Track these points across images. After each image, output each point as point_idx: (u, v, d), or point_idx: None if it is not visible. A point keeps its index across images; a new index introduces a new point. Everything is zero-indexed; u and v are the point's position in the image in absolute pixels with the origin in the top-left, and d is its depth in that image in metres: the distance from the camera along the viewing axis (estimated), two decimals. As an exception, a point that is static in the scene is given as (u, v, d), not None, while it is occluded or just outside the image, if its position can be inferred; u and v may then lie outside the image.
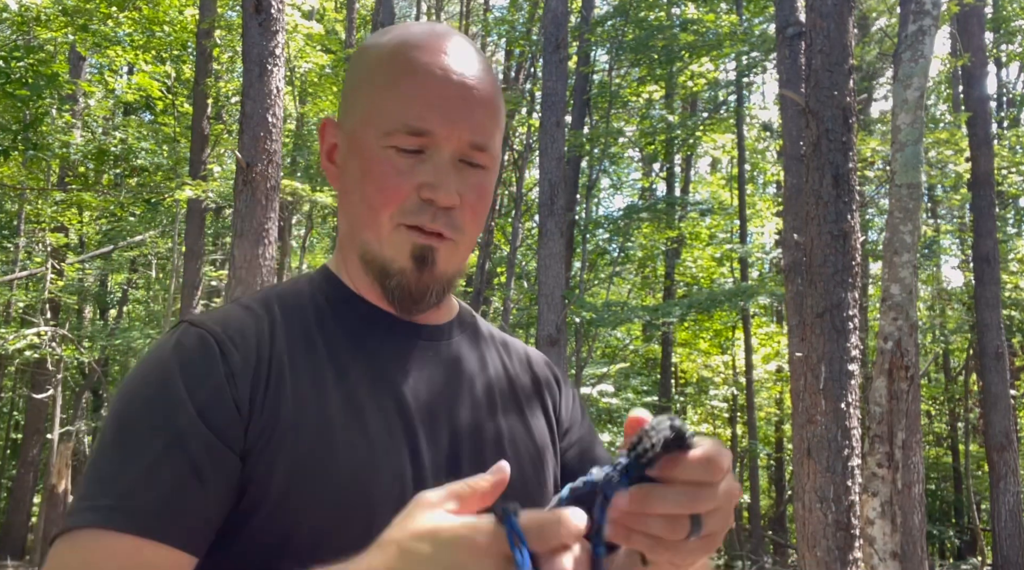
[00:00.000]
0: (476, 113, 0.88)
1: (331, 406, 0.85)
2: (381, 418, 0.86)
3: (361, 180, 0.89)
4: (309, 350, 0.88)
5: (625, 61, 13.18)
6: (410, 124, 0.87)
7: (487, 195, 0.92)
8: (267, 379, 0.84)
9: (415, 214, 0.88)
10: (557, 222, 8.81)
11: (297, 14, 10.01)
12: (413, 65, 0.88)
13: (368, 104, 0.90)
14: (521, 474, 0.91)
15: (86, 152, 11.61)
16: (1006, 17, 13.04)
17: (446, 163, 0.87)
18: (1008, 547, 9.93)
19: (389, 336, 0.93)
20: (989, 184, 10.69)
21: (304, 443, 0.82)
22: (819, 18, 5.41)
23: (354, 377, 0.88)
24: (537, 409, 1.01)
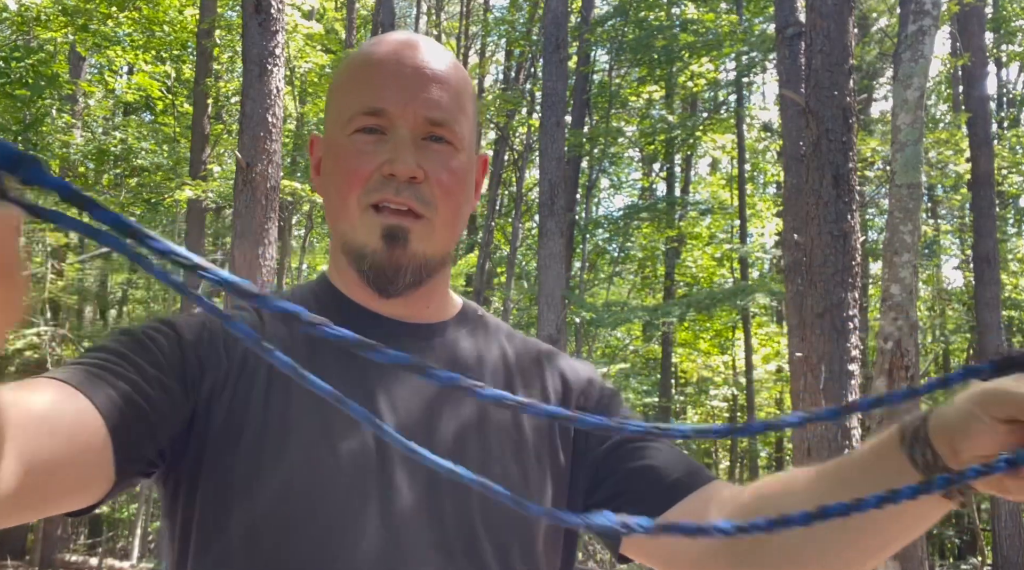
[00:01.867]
0: (430, 90, 0.90)
1: (294, 409, 0.86)
2: (349, 425, 0.85)
3: (333, 173, 0.92)
4: (289, 351, 0.88)
5: (625, 61, 13.18)
6: (366, 104, 0.90)
7: (458, 174, 0.92)
8: (237, 378, 0.87)
9: (379, 190, 0.89)
10: (557, 222, 8.81)
11: (297, 14, 10.01)
12: (368, 59, 0.93)
13: (336, 107, 0.94)
14: (501, 473, 0.88)
15: (86, 152, 11.61)
16: (1006, 17, 13.03)
17: (406, 140, 0.89)
18: (1008, 547, 9.92)
19: (371, 335, 0.90)
20: (989, 184, 10.69)
21: (257, 443, 0.84)
22: (819, 18, 5.41)
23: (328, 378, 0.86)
24: (539, 426, 0.95)
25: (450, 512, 0.85)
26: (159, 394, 0.81)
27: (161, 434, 0.82)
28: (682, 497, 0.86)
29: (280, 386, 0.87)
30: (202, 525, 0.85)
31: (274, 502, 0.82)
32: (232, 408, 0.86)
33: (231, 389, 0.87)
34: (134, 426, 0.78)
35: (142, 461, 0.82)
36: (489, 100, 14.54)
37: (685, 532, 0.48)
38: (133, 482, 0.84)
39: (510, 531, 0.87)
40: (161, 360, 0.84)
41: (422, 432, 0.88)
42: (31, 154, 0.36)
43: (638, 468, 0.90)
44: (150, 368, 0.82)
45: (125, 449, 0.77)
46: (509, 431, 0.92)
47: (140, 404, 0.79)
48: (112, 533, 14.85)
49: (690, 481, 0.88)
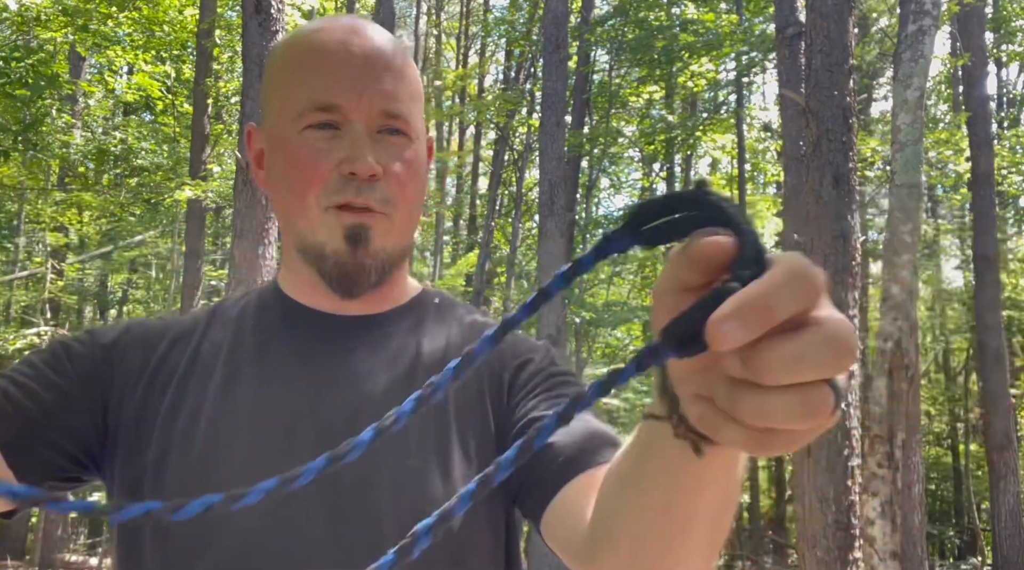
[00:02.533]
0: (382, 80, 0.87)
1: (208, 405, 0.86)
2: (257, 428, 0.85)
3: (284, 170, 0.89)
4: (214, 355, 0.90)
5: (625, 61, 13.18)
6: (317, 99, 0.86)
7: (414, 165, 0.90)
8: (152, 378, 0.88)
9: (340, 192, 0.86)
10: (557, 222, 8.82)
11: (297, 14, 10.01)
12: (313, 46, 0.88)
13: (279, 97, 0.90)
14: (420, 466, 0.84)
15: (86, 152, 11.61)
16: (1006, 17, 13.03)
17: (362, 135, 0.86)
18: (1008, 547, 9.92)
19: (300, 329, 0.92)
20: (989, 184, 10.69)
21: (164, 437, 0.85)
22: (819, 18, 5.41)
23: (246, 379, 0.88)
24: (469, 418, 0.89)
25: (357, 507, 0.83)
26: (55, 399, 0.84)
27: (62, 437, 0.84)
28: (572, 477, 0.79)
29: (193, 388, 0.88)
30: (122, 537, 0.87)
31: (180, 526, 0.82)
32: (144, 407, 0.87)
33: (144, 389, 0.88)
34: (24, 433, 0.81)
35: (47, 465, 0.83)
36: (489, 100, 14.54)
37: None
38: (56, 486, 0.86)
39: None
40: (67, 368, 0.86)
41: (343, 430, 0.86)
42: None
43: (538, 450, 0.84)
44: (52, 376, 0.85)
45: (17, 455, 0.80)
46: (433, 420, 0.87)
47: (31, 411, 0.82)
48: (112, 533, 14.83)
49: (584, 459, 0.80)
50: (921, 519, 6.94)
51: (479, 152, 17.87)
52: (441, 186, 18.96)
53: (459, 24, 18.79)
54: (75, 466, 0.86)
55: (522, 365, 0.92)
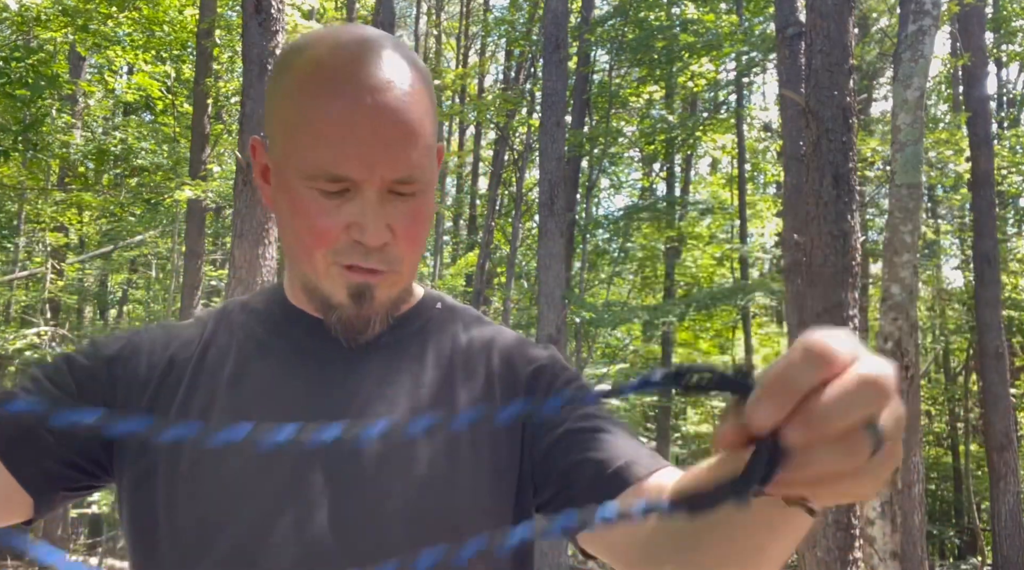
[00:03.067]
0: (394, 150, 0.83)
1: (217, 414, 0.88)
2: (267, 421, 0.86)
3: (291, 218, 0.87)
4: (219, 363, 0.92)
5: (625, 61, 13.18)
6: (328, 171, 0.83)
7: (422, 217, 0.89)
8: (156, 390, 0.90)
9: (347, 254, 0.86)
10: (557, 222, 8.81)
11: (297, 14, 10.00)
12: (323, 99, 0.83)
13: (286, 141, 0.86)
14: (427, 473, 0.86)
15: (86, 152, 11.61)
16: (1006, 17, 13.03)
17: (372, 201, 0.84)
18: (1008, 547, 9.92)
19: (311, 340, 0.93)
20: (989, 184, 10.69)
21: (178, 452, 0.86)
22: (819, 18, 5.41)
23: (251, 383, 0.90)
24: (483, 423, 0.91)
25: (366, 521, 0.84)
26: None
27: (68, 452, 0.87)
28: (624, 487, 0.82)
29: (200, 396, 0.89)
30: (134, 538, 0.88)
31: (191, 516, 0.84)
32: (153, 407, 0.89)
33: (151, 395, 0.90)
34: (29, 449, 0.84)
35: (56, 478, 0.87)
36: (489, 100, 14.54)
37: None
38: (69, 496, 0.90)
39: (436, 533, 0.84)
40: (69, 382, 0.88)
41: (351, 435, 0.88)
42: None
43: (578, 462, 0.86)
44: (56, 391, 0.87)
45: (25, 471, 0.84)
46: (444, 436, 0.89)
47: (34, 428, 0.85)
48: (112, 533, 14.85)
49: (628, 473, 0.83)
50: (921, 519, 6.94)
51: (479, 152, 17.88)
52: (441, 186, 18.97)
53: (459, 24, 18.79)
54: (84, 476, 0.89)
55: (538, 372, 0.94)
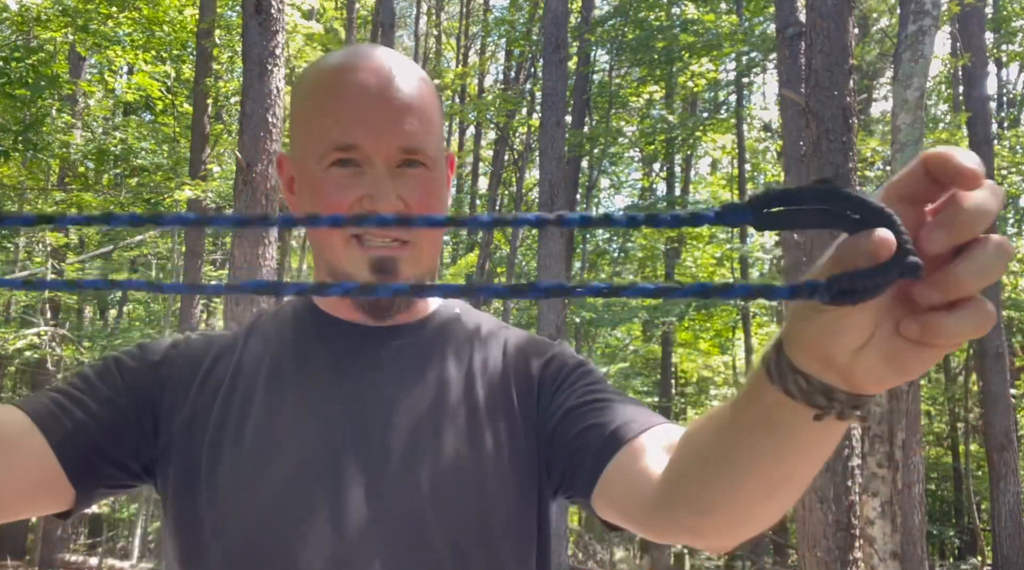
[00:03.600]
0: (400, 121, 0.92)
1: (252, 419, 0.92)
2: (299, 435, 0.91)
3: (312, 205, 0.94)
4: (255, 367, 0.96)
5: (625, 61, 13.18)
6: (337, 141, 0.91)
7: (434, 193, 0.94)
8: (199, 392, 0.95)
9: (363, 227, 0.92)
10: (557, 222, 8.80)
11: (297, 14, 10.01)
12: (332, 88, 0.93)
13: (304, 135, 0.95)
14: (454, 461, 0.90)
15: (86, 152, 11.62)
16: (1006, 17, 13.03)
17: (382, 172, 0.91)
18: (1008, 547, 9.92)
19: (330, 337, 0.98)
20: (989, 184, 10.67)
21: (213, 452, 0.91)
22: (819, 18, 5.41)
23: (287, 384, 0.95)
24: (498, 414, 0.95)
25: (399, 510, 0.87)
26: (109, 414, 0.91)
27: (115, 449, 0.91)
28: (620, 447, 0.84)
29: (239, 396, 0.94)
30: (178, 537, 0.92)
31: (230, 510, 0.88)
32: (194, 415, 0.93)
33: (192, 401, 0.94)
34: (80, 444, 0.88)
35: (100, 475, 0.90)
36: (489, 100, 14.54)
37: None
38: (106, 493, 0.94)
39: (465, 524, 0.88)
40: (119, 383, 0.93)
41: (379, 427, 0.91)
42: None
43: (579, 432, 0.89)
44: (106, 391, 0.92)
45: (73, 465, 0.87)
46: (464, 417, 0.93)
47: (87, 425, 0.89)
48: (112, 533, 14.85)
49: (622, 433, 0.85)
50: (921, 519, 6.95)
51: (479, 152, 17.88)
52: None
53: (459, 24, 18.79)
54: (127, 476, 0.93)
55: (548, 362, 0.99)
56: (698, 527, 0.74)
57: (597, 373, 0.98)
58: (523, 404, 0.96)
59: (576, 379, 0.96)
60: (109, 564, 11.87)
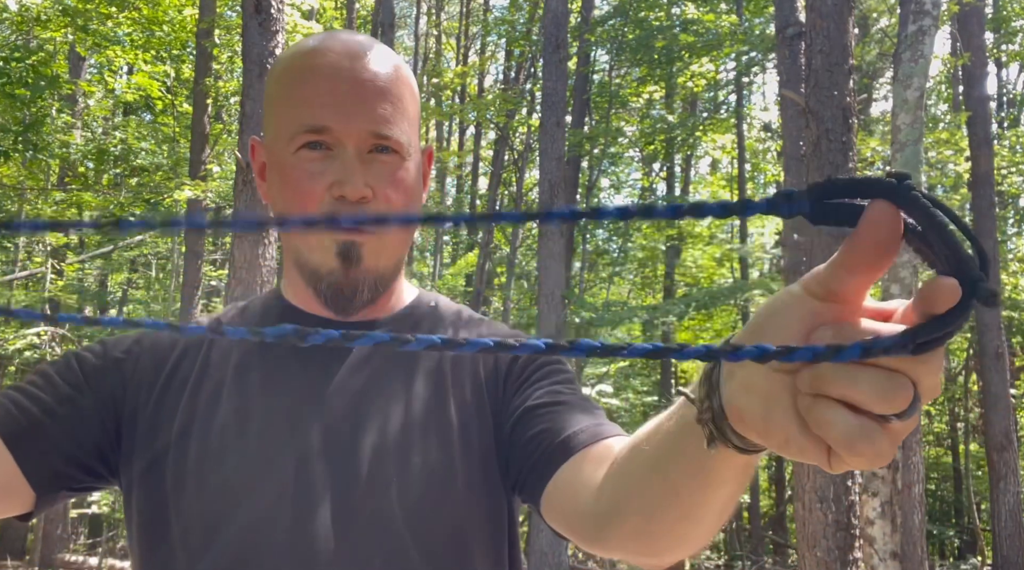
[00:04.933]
0: (371, 104, 0.89)
1: (219, 416, 0.90)
2: (267, 427, 0.89)
3: (281, 190, 0.92)
4: (223, 362, 0.94)
5: (625, 61, 13.18)
6: (307, 123, 0.89)
7: (404, 183, 0.92)
8: (164, 387, 0.92)
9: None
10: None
11: (297, 14, 10.00)
12: (304, 70, 0.91)
13: (274, 118, 0.93)
14: (422, 462, 0.88)
15: (86, 152, 11.61)
16: (1006, 17, 13.03)
17: (351, 158, 0.89)
18: (1008, 547, 9.92)
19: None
20: (989, 184, 10.69)
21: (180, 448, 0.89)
22: (819, 18, 5.41)
23: (253, 382, 0.92)
24: (471, 413, 0.93)
25: (370, 516, 0.85)
26: (70, 412, 0.88)
27: (75, 449, 0.88)
28: (571, 455, 0.83)
29: (205, 393, 0.92)
30: (142, 527, 0.90)
31: (197, 505, 0.86)
32: (159, 410, 0.91)
33: (157, 398, 0.92)
34: (39, 445, 0.86)
35: (60, 476, 0.87)
36: (489, 100, 14.54)
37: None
38: (68, 495, 0.91)
39: (433, 519, 0.87)
40: (80, 380, 0.90)
41: (348, 428, 0.89)
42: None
43: (533, 435, 0.88)
44: (67, 388, 0.89)
45: (32, 466, 0.85)
46: (434, 419, 0.91)
47: (45, 424, 0.86)
48: (112, 533, 14.85)
49: (574, 442, 0.84)
50: (921, 519, 6.95)
51: (479, 152, 17.87)
52: (441, 186, 18.97)
53: (459, 24, 18.78)
54: (89, 476, 0.90)
55: (515, 359, 0.96)
56: (635, 549, 0.74)
57: (565, 372, 0.96)
58: (494, 400, 0.94)
59: (541, 377, 0.94)
60: (109, 564, 11.87)
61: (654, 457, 0.64)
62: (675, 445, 0.59)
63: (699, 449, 0.54)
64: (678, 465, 0.60)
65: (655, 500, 0.65)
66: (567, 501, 0.82)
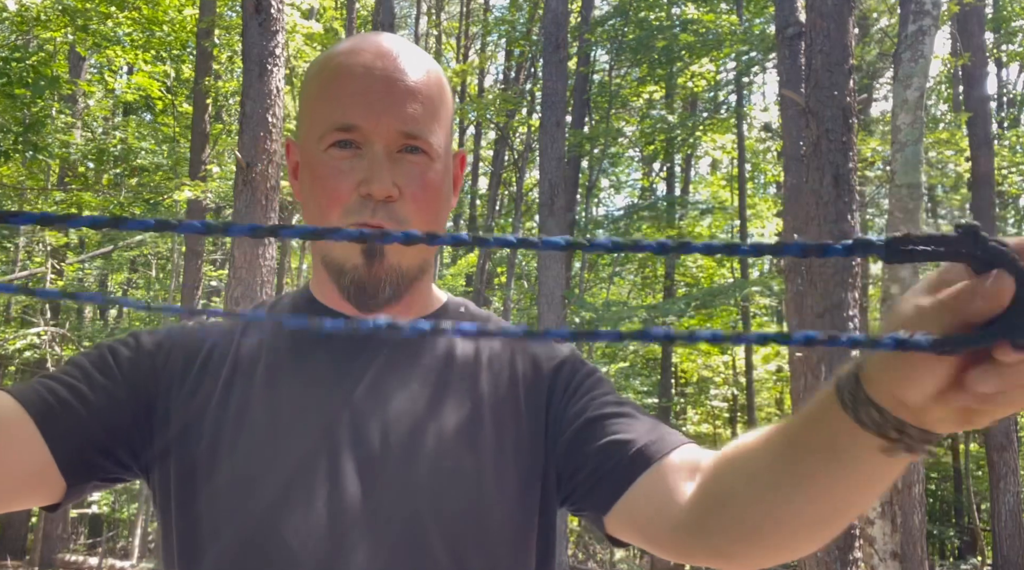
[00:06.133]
0: (402, 103, 0.90)
1: (250, 411, 0.90)
2: (301, 425, 0.90)
3: (312, 188, 0.93)
4: (254, 355, 0.94)
5: (625, 61, 13.19)
6: (337, 121, 0.90)
7: (432, 185, 0.93)
8: (197, 382, 0.92)
9: (357, 212, 0.89)
10: (557, 222, 8.81)
11: (297, 14, 10.01)
12: (337, 70, 0.92)
13: (307, 117, 0.94)
14: (453, 466, 0.89)
15: (86, 152, 11.61)
16: (1006, 17, 13.04)
17: (380, 157, 0.90)
18: (1008, 547, 9.92)
19: (335, 339, 0.96)
20: (989, 184, 10.69)
21: (212, 442, 0.89)
22: (819, 18, 5.41)
23: (285, 381, 0.92)
24: (503, 414, 0.93)
25: (396, 513, 0.86)
26: (106, 404, 0.88)
27: (110, 441, 0.88)
28: (641, 471, 0.84)
29: (238, 389, 0.92)
30: (176, 533, 0.90)
31: (227, 499, 0.87)
32: (189, 410, 0.91)
33: (188, 392, 0.92)
34: (74, 435, 0.86)
35: (93, 467, 0.88)
36: (489, 100, 14.55)
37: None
38: (98, 486, 0.91)
39: (463, 524, 0.87)
40: (115, 373, 0.90)
41: (377, 428, 0.89)
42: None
43: (601, 446, 0.88)
44: (102, 380, 0.89)
45: (66, 456, 0.85)
46: (467, 423, 0.91)
47: (81, 415, 0.86)
48: (112, 533, 14.85)
49: (649, 452, 0.85)
50: (921, 519, 6.94)
51: (479, 152, 17.88)
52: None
53: (459, 24, 18.78)
54: (119, 468, 0.91)
55: (560, 365, 0.97)
56: (735, 553, 0.76)
57: (609, 383, 0.97)
58: (530, 405, 0.94)
59: (591, 387, 0.94)
60: (109, 564, 11.87)
61: (785, 441, 0.67)
62: (811, 427, 0.62)
63: (869, 460, 0.58)
64: (838, 469, 0.62)
65: (784, 484, 0.67)
66: (650, 511, 0.83)
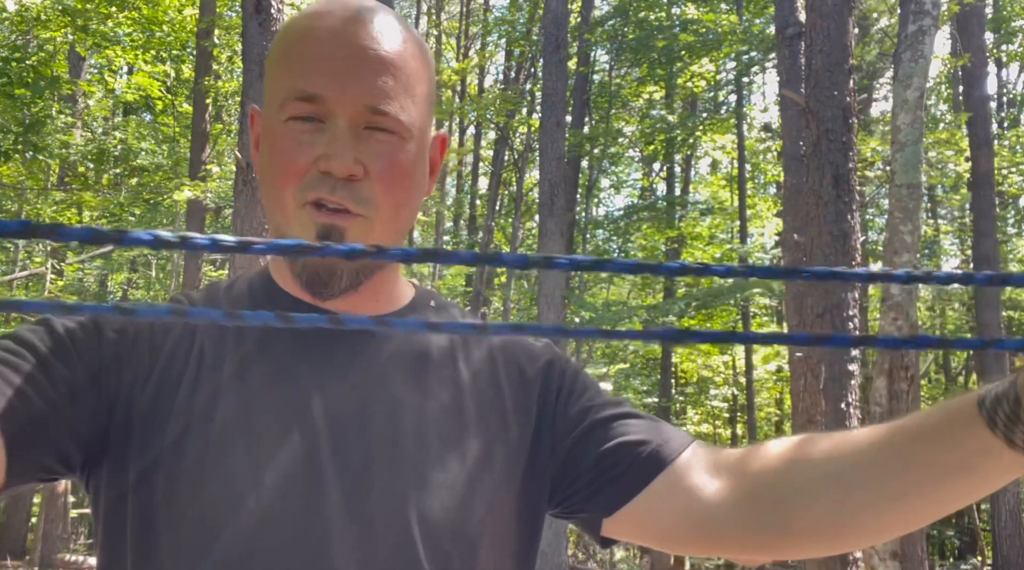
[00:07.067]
0: (371, 74, 0.81)
1: (221, 406, 0.82)
2: (275, 423, 0.82)
3: (269, 160, 0.84)
4: (218, 347, 0.85)
5: (625, 61, 13.19)
6: (298, 89, 0.81)
7: (401, 166, 0.83)
8: (163, 372, 0.83)
9: (315, 188, 0.80)
10: (557, 222, 8.81)
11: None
12: (301, 32, 0.83)
13: (269, 85, 0.85)
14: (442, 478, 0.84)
15: (86, 152, 11.61)
16: (1006, 17, 13.04)
17: (344, 131, 0.80)
18: (1008, 547, 9.92)
19: (303, 331, 0.86)
20: (989, 184, 10.69)
21: (182, 439, 0.81)
22: (819, 18, 5.41)
23: (255, 376, 0.84)
24: (489, 418, 0.88)
25: (381, 513, 0.81)
26: (65, 399, 0.78)
27: (67, 441, 0.78)
28: (657, 473, 0.83)
29: (208, 383, 0.83)
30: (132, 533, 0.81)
31: (192, 516, 0.79)
32: (156, 401, 0.82)
33: (155, 383, 0.83)
34: (27, 436, 0.74)
35: (39, 467, 0.78)
36: (489, 100, 14.54)
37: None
38: (36, 484, 0.81)
39: (449, 534, 0.82)
40: (75, 361, 0.79)
41: (353, 421, 0.83)
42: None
43: (610, 448, 0.85)
44: (63, 370, 0.78)
45: (16, 456, 0.73)
46: (452, 431, 0.85)
47: (39, 412, 0.75)
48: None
49: (663, 454, 0.84)
50: (921, 519, 6.93)
51: (479, 152, 17.87)
52: (441, 186, 18.96)
53: (459, 24, 18.79)
54: (63, 467, 0.80)
55: (547, 367, 0.92)
56: (783, 546, 0.78)
57: (594, 380, 0.94)
58: (518, 409, 0.89)
59: (583, 389, 0.90)
60: (109, 564, 11.85)
61: (893, 454, 0.69)
62: (942, 445, 0.65)
63: (1000, 467, 0.62)
64: (934, 463, 0.66)
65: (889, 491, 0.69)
66: (674, 508, 0.82)
